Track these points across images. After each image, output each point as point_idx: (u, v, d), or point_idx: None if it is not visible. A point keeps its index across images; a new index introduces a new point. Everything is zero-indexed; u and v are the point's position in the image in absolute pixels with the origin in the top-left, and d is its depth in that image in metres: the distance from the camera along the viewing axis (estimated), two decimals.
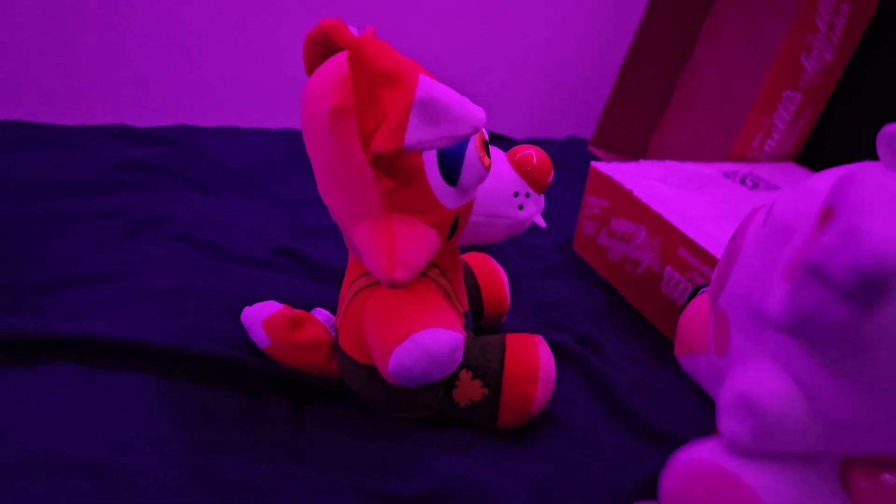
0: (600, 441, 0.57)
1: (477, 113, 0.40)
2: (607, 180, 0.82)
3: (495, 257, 0.75)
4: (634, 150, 1.22)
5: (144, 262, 0.72)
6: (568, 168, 1.16)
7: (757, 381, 0.32)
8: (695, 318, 0.43)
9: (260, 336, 0.58)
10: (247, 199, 0.92)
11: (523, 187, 0.52)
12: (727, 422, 0.34)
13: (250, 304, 0.60)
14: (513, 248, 0.88)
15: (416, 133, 0.38)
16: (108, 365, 0.56)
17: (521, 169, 0.52)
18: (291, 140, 1.11)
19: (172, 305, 0.64)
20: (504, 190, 0.51)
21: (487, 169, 0.46)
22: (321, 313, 0.62)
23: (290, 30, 1.19)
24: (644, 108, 1.19)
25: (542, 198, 0.54)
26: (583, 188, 0.92)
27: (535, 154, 0.52)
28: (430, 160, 0.44)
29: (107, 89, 1.21)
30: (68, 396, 0.53)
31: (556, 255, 0.90)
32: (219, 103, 1.28)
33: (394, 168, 0.42)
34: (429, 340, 0.44)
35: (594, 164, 0.85)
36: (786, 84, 0.92)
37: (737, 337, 0.36)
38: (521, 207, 0.52)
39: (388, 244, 0.43)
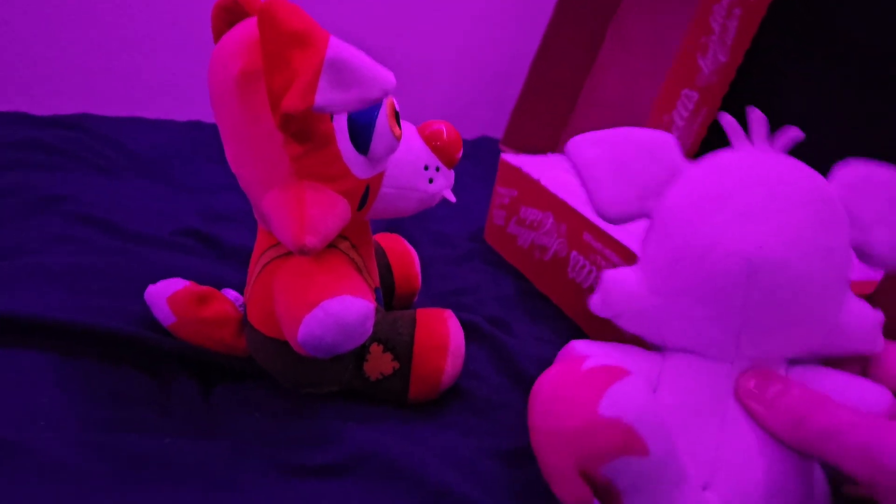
0: (507, 413, 0.58)
1: (387, 76, 0.41)
2: (516, 171, 0.85)
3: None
4: (544, 150, 1.25)
5: (45, 241, 0.69)
6: (480, 164, 1.18)
7: None
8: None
9: (164, 313, 0.56)
10: (153, 183, 0.90)
11: (434, 161, 0.53)
12: None
13: (155, 283, 0.59)
14: (425, 236, 0.90)
15: (326, 94, 0.39)
16: (4, 342, 0.54)
17: (432, 143, 0.53)
18: (200, 131, 1.09)
19: (74, 284, 0.62)
20: (415, 162, 0.52)
21: (398, 139, 0.47)
22: (230, 293, 0.61)
23: (196, 20, 1.18)
24: (552, 108, 1.22)
25: (451, 173, 0.55)
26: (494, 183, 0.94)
27: (445, 129, 0.54)
28: (341, 127, 0.45)
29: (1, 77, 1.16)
30: None
31: (468, 243, 0.92)
32: (122, 95, 1.25)
33: (304, 133, 0.42)
34: (339, 308, 0.44)
35: (504, 155, 0.88)
36: (684, 83, 0.97)
37: None
38: (431, 181, 0.53)
39: (298, 210, 0.43)
